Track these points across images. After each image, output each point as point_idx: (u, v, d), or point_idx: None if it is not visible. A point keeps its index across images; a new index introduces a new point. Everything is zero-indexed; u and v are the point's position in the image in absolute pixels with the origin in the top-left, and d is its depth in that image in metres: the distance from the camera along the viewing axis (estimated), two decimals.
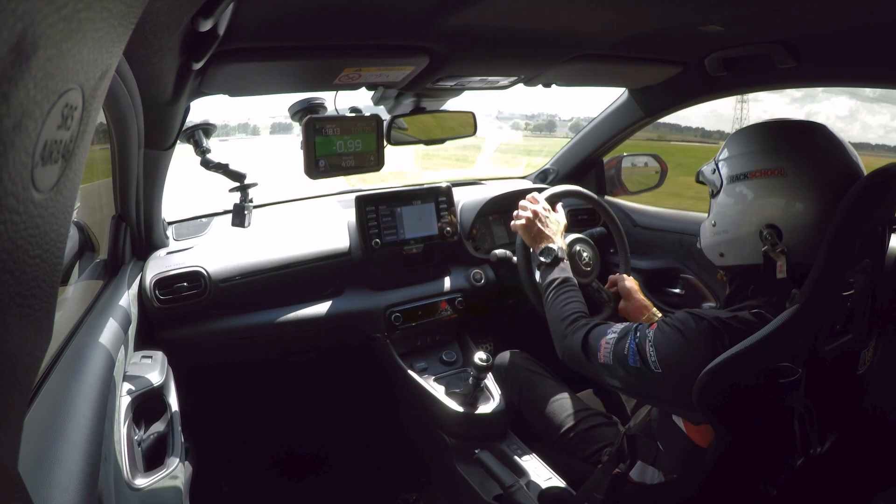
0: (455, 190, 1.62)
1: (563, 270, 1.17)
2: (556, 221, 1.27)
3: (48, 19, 0.21)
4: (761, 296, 0.88)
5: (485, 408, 1.31)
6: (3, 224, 0.21)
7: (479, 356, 1.24)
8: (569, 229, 1.72)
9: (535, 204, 1.29)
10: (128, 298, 1.11)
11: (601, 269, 1.42)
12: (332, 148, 1.15)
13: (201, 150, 1.21)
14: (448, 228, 1.55)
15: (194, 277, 1.30)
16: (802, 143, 0.88)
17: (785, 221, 0.85)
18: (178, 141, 1.17)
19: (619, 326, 0.95)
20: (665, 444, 0.95)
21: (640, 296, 1.34)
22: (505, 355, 1.45)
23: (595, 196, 1.49)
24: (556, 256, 1.18)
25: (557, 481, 1.16)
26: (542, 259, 1.20)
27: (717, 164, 0.95)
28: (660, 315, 1.31)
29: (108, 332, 0.90)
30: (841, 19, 0.97)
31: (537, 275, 1.21)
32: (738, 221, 0.91)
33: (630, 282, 1.36)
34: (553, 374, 1.38)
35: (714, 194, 0.96)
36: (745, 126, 0.98)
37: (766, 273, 0.87)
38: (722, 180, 0.93)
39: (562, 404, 1.28)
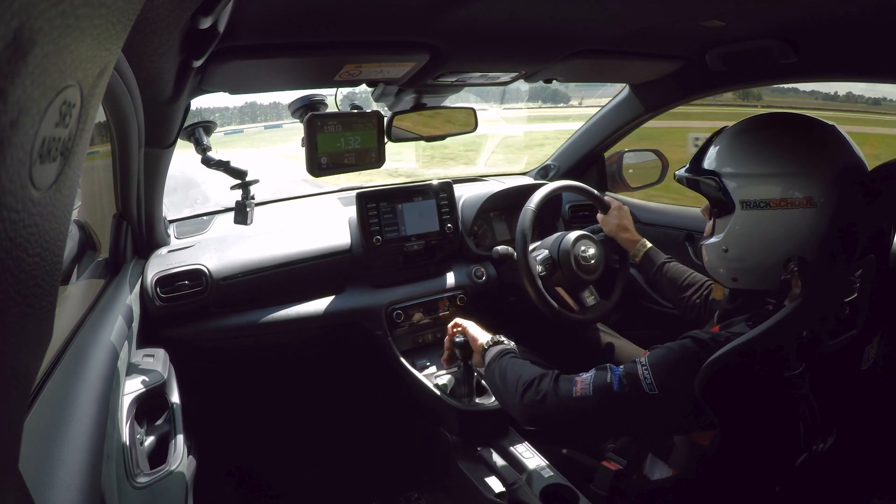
0: (456, 186, 1.62)
1: (501, 352, 1.10)
2: (467, 329, 1.20)
3: (45, 15, 0.20)
4: (756, 309, 0.86)
5: (487, 405, 1.31)
6: (2, 223, 0.21)
7: None
8: (570, 226, 1.73)
9: (457, 327, 1.22)
10: (129, 297, 1.11)
11: (604, 266, 1.42)
12: (333, 145, 1.14)
13: (202, 148, 1.21)
14: (449, 225, 1.55)
15: (195, 275, 1.30)
16: (826, 161, 0.81)
17: (815, 251, 0.80)
18: (179, 139, 1.17)
19: (592, 371, 0.90)
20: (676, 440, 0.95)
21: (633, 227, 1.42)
22: None
23: (593, 190, 1.48)
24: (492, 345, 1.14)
25: (559, 478, 1.16)
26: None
27: (720, 179, 0.87)
28: (650, 245, 1.38)
29: (110, 330, 0.91)
30: (842, 13, 0.96)
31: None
32: (758, 252, 0.85)
33: (619, 211, 1.43)
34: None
35: (721, 213, 0.89)
36: (743, 127, 0.89)
37: (778, 296, 0.83)
38: (732, 201, 0.86)
39: None
